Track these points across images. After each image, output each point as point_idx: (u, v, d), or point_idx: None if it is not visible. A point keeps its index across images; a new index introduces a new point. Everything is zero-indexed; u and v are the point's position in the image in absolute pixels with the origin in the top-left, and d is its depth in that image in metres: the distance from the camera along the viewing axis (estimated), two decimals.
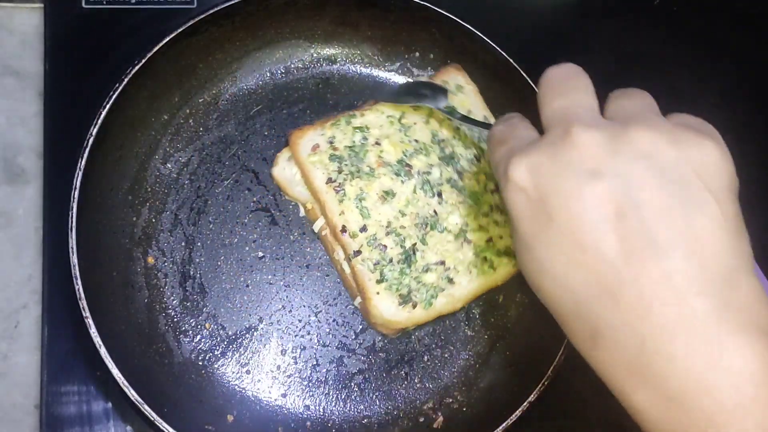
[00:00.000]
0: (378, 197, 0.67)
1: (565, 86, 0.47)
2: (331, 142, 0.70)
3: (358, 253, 0.66)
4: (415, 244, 0.67)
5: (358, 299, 0.69)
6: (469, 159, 0.71)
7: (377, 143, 0.69)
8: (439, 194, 0.68)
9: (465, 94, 0.74)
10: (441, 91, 0.71)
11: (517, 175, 0.44)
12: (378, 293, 0.66)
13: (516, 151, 0.45)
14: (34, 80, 0.80)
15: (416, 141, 0.70)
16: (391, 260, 0.66)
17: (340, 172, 0.68)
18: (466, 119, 0.68)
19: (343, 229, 0.67)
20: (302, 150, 0.69)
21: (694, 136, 0.42)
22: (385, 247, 0.66)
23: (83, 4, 0.79)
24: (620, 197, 0.40)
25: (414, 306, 0.66)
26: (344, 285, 0.72)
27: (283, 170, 0.72)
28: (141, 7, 0.80)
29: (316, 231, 0.72)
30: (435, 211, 0.68)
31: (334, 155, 0.69)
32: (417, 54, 0.80)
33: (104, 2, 0.80)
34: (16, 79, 0.80)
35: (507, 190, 0.45)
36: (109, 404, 0.69)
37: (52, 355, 0.69)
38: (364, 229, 0.67)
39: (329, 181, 0.68)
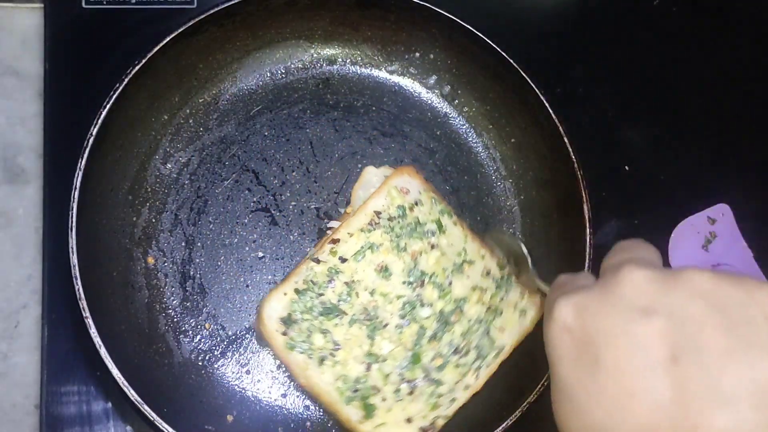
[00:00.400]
0: (381, 263, 0.67)
1: (630, 247, 0.45)
2: (411, 203, 0.69)
3: (317, 261, 0.66)
4: (346, 315, 0.66)
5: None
6: (449, 341, 0.68)
7: (433, 247, 0.69)
8: (406, 323, 0.67)
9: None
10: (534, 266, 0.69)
11: (562, 314, 0.41)
12: (285, 294, 0.65)
13: (567, 293, 0.43)
14: (34, 80, 0.80)
15: (450, 283, 0.68)
16: (320, 295, 0.66)
17: (390, 220, 0.68)
18: (541, 284, 0.66)
19: (335, 241, 0.67)
20: (398, 179, 0.69)
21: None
22: (334, 287, 0.66)
23: (83, 4, 0.79)
24: (675, 337, 0.37)
25: (284, 334, 0.65)
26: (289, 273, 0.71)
27: (375, 175, 0.72)
28: (141, 7, 0.80)
29: (327, 226, 0.73)
30: (386, 324, 0.66)
31: (403, 207, 0.69)
32: (417, 54, 0.80)
33: (104, 2, 0.80)
34: (16, 79, 0.80)
35: (550, 330, 0.42)
36: (109, 404, 0.69)
37: (52, 355, 0.69)
38: (343, 260, 0.67)
39: (379, 213, 0.68)
